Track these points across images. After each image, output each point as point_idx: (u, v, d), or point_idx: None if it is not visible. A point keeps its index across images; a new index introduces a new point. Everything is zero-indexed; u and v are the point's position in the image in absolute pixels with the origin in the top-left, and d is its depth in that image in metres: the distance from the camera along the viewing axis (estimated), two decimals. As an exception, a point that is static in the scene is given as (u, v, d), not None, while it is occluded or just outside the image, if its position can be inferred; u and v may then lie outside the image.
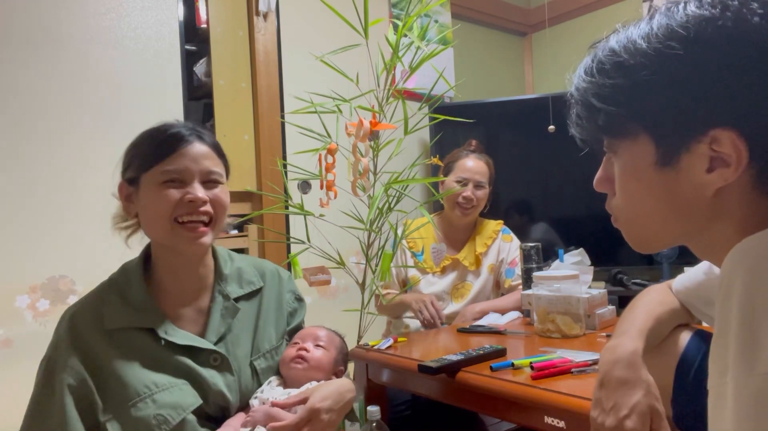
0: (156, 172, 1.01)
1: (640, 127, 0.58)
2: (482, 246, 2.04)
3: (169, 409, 0.96)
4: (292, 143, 2.45)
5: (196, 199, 1.01)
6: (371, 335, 1.66)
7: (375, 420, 1.13)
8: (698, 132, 0.53)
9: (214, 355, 1.05)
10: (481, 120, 2.94)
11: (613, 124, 0.60)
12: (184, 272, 1.08)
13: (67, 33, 1.94)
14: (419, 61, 1.53)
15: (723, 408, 0.47)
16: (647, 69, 0.55)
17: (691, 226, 0.59)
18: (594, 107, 0.60)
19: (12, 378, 1.74)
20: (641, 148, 0.58)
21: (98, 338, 0.98)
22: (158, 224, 1.02)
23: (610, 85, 0.58)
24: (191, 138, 1.04)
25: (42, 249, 1.84)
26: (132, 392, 0.95)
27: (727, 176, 0.53)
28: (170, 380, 0.99)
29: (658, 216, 0.60)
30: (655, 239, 0.63)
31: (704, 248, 0.61)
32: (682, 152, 0.55)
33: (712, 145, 0.53)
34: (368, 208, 1.52)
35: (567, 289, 1.48)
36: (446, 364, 1.21)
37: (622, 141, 0.60)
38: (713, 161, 0.54)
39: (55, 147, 1.90)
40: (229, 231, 2.32)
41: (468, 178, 2.00)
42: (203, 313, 1.09)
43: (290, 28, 2.50)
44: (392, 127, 1.46)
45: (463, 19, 3.33)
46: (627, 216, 0.64)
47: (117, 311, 1.01)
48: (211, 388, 1.02)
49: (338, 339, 1.22)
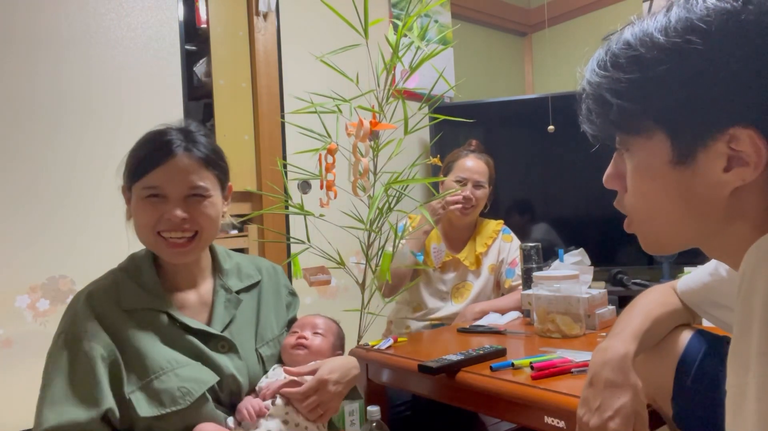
0: (139, 186, 1.04)
1: (656, 124, 0.56)
2: (482, 246, 2.04)
3: (192, 382, 0.99)
4: (292, 143, 2.45)
5: (173, 217, 1.03)
6: (371, 335, 1.66)
7: (375, 420, 1.13)
8: (716, 130, 0.52)
9: (222, 342, 1.08)
10: (481, 120, 2.94)
11: (627, 120, 0.58)
12: (184, 268, 1.12)
13: (67, 33, 1.94)
14: (419, 61, 1.53)
15: (743, 408, 0.45)
16: (664, 64, 0.53)
17: (707, 227, 0.57)
18: (607, 102, 0.58)
19: (12, 378, 1.74)
20: (656, 146, 0.57)
21: (117, 314, 1.01)
22: (143, 235, 1.06)
23: (625, 79, 0.56)
24: (178, 150, 1.04)
25: (42, 249, 1.84)
26: (156, 365, 0.98)
27: (745, 176, 0.52)
28: (187, 359, 1.02)
29: (672, 216, 0.58)
30: (669, 240, 0.61)
31: (718, 250, 0.60)
32: (699, 150, 0.53)
33: (730, 144, 0.51)
34: (368, 208, 1.52)
35: (567, 289, 1.48)
36: (446, 364, 1.22)
37: (636, 138, 0.58)
38: (731, 160, 0.52)
39: (55, 147, 1.90)
40: (229, 231, 2.32)
41: (467, 177, 1.99)
42: (207, 305, 1.13)
43: (290, 28, 2.50)
44: (392, 127, 1.46)
45: (463, 19, 3.33)
46: (640, 217, 0.62)
47: (133, 293, 1.04)
48: (224, 371, 1.05)
49: (335, 325, 1.26)
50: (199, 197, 1.06)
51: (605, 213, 0.68)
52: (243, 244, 2.35)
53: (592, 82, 0.60)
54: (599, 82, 0.58)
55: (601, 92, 0.58)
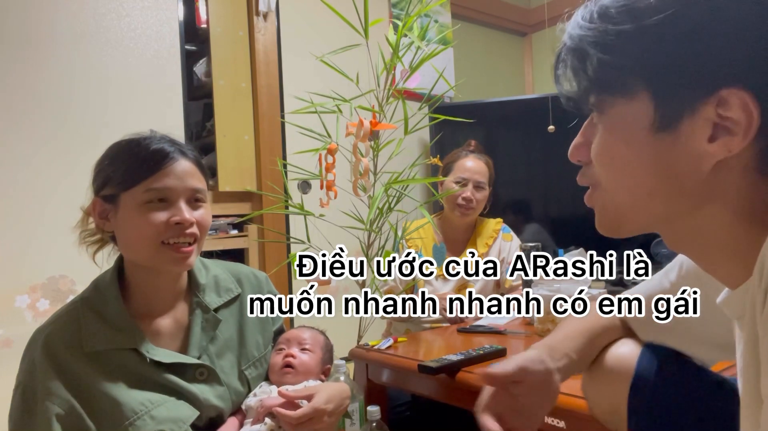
0: (138, 191, 0.96)
1: (641, 82, 0.50)
2: (483, 247, 2.04)
3: (170, 423, 0.93)
4: (292, 143, 2.45)
5: (184, 220, 0.97)
6: (371, 335, 1.66)
7: (375, 420, 1.13)
8: (705, 91, 0.47)
9: (200, 369, 1.02)
10: (481, 120, 2.94)
11: (609, 77, 0.52)
12: (161, 288, 1.04)
13: (66, 33, 1.94)
14: (419, 61, 1.53)
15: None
16: (660, 13, 0.47)
17: (678, 205, 0.52)
18: (588, 56, 0.52)
19: (12, 378, 1.74)
20: (637, 108, 0.51)
21: (79, 360, 0.93)
22: (141, 246, 0.97)
23: (613, 31, 0.50)
24: (175, 155, 0.99)
25: (42, 249, 1.84)
26: (128, 411, 0.92)
27: (732, 146, 0.47)
28: (162, 397, 0.96)
29: (641, 189, 0.53)
30: (632, 217, 0.55)
31: (683, 234, 0.54)
32: (685, 115, 0.48)
33: (718, 109, 0.46)
34: (368, 208, 1.52)
35: (567, 289, 1.48)
36: (446, 364, 1.21)
37: (616, 98, 0.52)
38: (717, 128, 0.47)
39: (55, 146, 1.90)
40: (229, 231, 2.32)
41: (467, 178, 1.99)
42: (182, 328, 1.05)
43: (290, 28, 2.50)
44: (392, 127, 1.46)
45: (463, 19, 3.33)
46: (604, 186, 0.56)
47: (96, 332, 0.96)
48: (203, 403, 1.00)
49: (322, 337, 1.22)
50: (199, 201, 1.02)
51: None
52: (243, 244, 2.35)
53: (574, 35, 0.54)
54: (582, 35, 0.53)
55: (584, 45, 0.53)
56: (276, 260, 2.37)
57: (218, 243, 2.24)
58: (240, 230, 2.35)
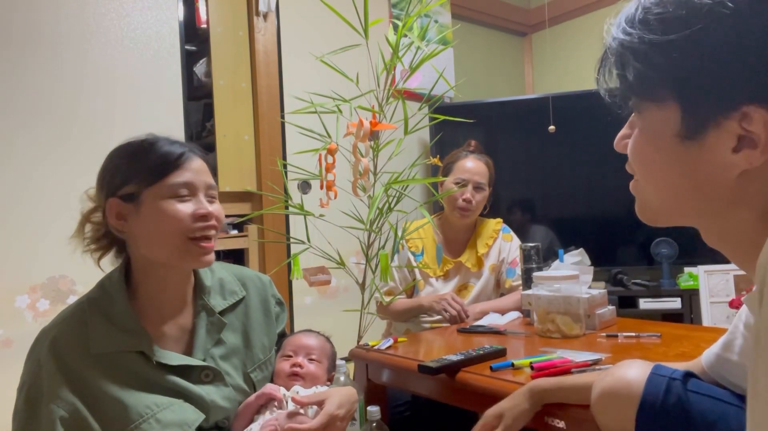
0: (163, 186, 0.97)
1: (670, 92, 0.52)
2: (483, 247, 2.04)
3: (176, 427, 0.93)
4: (292, 143, 2.45)
5: (209, 213, 0.99)
6: (371, 335, 1.66)
7: (375, 420, 1.13)
8: (730, 106, 0.48)
9: (205, 371, 1.02)
10: (481, 120, 2.94)
11: (642, 85, 0.54)
12: (169, 290, 1.04)
13: (66, 33, 1.94)
14: (419, 61, 1.53)
15: None
16: (691, 26, 0.49)
17: (709, 207, 0.54)
18: (628, 62, 0.54)
19: (12, 379, 1.73)
20: (667, 116, 0.53)
21: (85, 362, 0.93)
22: (166, 241, 0.97)
23: (648, 40, 0.52)
24: (189, 153, 1.01)
25: (42, 249, 1.84)
26: (134, 414, 0.91)
27: (753, 159, 0.48)
28: (168, 400, 0.96)
29: (671, 189, 0.55)
30: (666, 211, 0.58)
31: (717, 234, 0.56)
32: (710, 127, 0.50)
33: (742, 122, 0.48)
34: (368, 208, 1.52)
35: (567, 289, 1.47)
36: (446, 364, 1.21)
37: (648, 104, 0.55)
38: (741, 140, 0.49)
39: (55, 147, 1.90)
40: (229, 231, 2.32)
41: (467, 178, 1.99)
42: (187, 331, 1.06)
43: (290, 28, 2.51)
44: (392, 127, 1.46)
45: (463, 19, 3.33)
46: (640, 180, 0.59)
47: (103, 334, 0.96)
48: (209, 405, 1.00)
49: (328, 345, 1.23)
50: (213, 197, 1.04)
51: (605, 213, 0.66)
52: (243, 244, 2.35)
53: (617, 38, 0.56)
54: (623, 40, 0.55)
55: (624, 51, 0.55)
56: (276, 260, 2.37)
57: (218, 244, 2.22)
58: (240, 230, 2.36)
